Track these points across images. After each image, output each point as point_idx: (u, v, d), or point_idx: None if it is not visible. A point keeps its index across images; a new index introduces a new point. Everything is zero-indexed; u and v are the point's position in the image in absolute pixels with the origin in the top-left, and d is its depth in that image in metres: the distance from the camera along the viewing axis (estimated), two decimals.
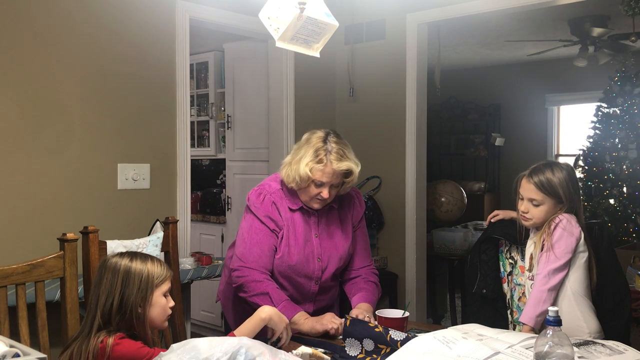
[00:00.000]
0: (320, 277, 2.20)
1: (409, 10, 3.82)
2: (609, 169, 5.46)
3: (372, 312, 2.11)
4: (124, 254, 1.69)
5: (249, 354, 1.25)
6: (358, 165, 2.13)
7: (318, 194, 2.11)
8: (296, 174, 2.09)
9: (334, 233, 2.23)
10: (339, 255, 2.23)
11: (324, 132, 2.14)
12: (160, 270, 1.68)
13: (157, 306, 1.66)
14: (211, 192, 5.17)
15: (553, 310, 1.33)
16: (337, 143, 2.10)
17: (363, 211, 2.34)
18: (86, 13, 2.89)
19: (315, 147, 2.09)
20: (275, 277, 2.19)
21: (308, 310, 2.20)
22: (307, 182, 2.10)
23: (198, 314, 4.82)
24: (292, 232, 2.18)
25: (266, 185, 2.24)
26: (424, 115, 3.94)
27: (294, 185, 2.14)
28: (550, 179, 2.04)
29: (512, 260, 2.23)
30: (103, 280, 1.63)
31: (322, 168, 2.06)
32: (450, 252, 4.51)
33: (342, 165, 2.07)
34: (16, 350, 1.27)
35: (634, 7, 3.50)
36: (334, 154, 2.07)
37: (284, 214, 2.18)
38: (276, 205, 2.18)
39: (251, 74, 4.48)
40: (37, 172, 2.75)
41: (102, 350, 1.55)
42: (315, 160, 2.07)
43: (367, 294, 2.21)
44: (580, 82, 6.58)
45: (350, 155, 2.12)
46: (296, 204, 2.19)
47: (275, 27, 1.74)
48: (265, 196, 2.19)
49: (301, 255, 2.17)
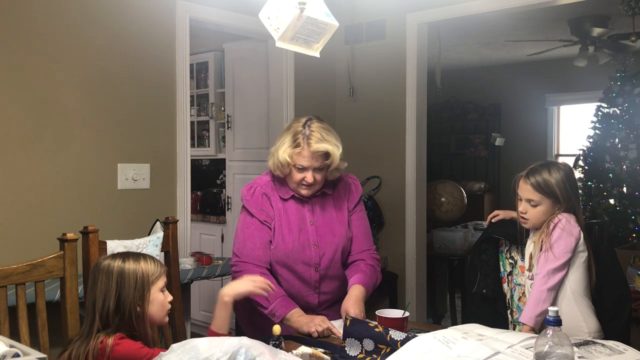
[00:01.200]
0: (319, 263, 2.19)
1: (409, 10, 3.82)
2: (609, 169, 5.46)
3: (364, 295, 2.12)
4: (115, 255, 1.69)
5: (249, 354, 1.25)
6: (338, 148, 2.13)
7: (302, 179, 2.13)
8: (277, 161, 2.12)
9: (330, 219, 2.24)
10: (336, 241, 2.22)
11: (305, 118, 2.16)
12: (154, 267, 1.68)
13: (155, 303, 1.67)
14: (211, 192, 5.17)
15: (553, 310, 1.33)
16: (317, 127, 2.12)
17: (359, 196, 2.34)
18: (86, 13, 2.89)
19: (293, 132, 2.12)
20: (274, 269, 2.19)
21: (313, 302, 2.20)
22: (289, 168, 2.12)
23: (198, 314, 4.82)
24: (284, 220, 2.19)
25: (257, 179, 2.28)
26: (424, 115, 3.94)
27: (279, 173, 2.17)
28: (547, 179, 2.04)
29: (512, 260, 2.23)
30: (98, 284, 1.63)
31: (300, 151, 2.09)
32: (450, 252, 4.51)
33: (319, 147, 2.08)
34: (16, 350, 1.27)
35: (633, 7, 3.50)
36: (312, 137, 2.09)
37: (276, 204, 2.20)
38: (267, 196, 2.21)
39: (251, 74, 4.48)
40: (37, 172, 2.75)
41: (101, 351, 1.55)
42: (293, 145, 2.10)
43: (364, 276, 2.20)
44: (580, 82, 6.58)
45: (330, 137, 2.12)
46: (287, 193, 2.21)
47: (275, 27, 1.74)
48: (256, 189, 2.23)
49: (296, 242, 2.17)
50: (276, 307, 2.07)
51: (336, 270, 2.24)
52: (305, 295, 2.20)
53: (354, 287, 2.15)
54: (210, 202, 5.10)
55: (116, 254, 1.71)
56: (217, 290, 4.68)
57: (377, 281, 2.28)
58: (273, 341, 1.61)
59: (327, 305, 2.24)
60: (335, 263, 2.23)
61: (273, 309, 2.07)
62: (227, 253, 4.68)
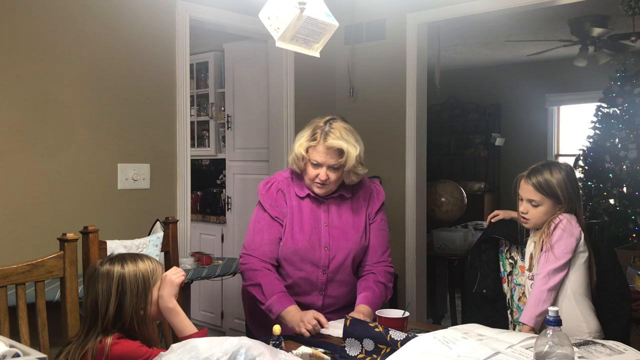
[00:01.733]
0: (328, 265, 2.17)
1: (409, 10, 3.82)
2: (609, 169, 5.46)
3: (371, 316, 2.09)
4: (113, 259, 1.66)
5: (249, 354, 1.25)
6: (356, 148, 2.10)
7: (316, 175, 2.11)
8: (294, 154, 2.13)
9: (344, 223, 2.21)
10: (349, 246, 2.20)
11: (330, 116, 2.16)
12: (152, 266, 1.67)
13: (156, 302, 1.67)
14: (211, 192, 5.17)
15: (553, 310, 1.32)
16: (338, 126, 2.11)
17: (381, 203, 2.30)
18: (86, 13, 2.89)
19: (313, 127, 2.13)
20: (282, 265, 2.18)
21: (316, 302, 2.18)
22: (304, 162, 2.12)
23: (198, 314, 4.82)
24: (297, 218, 2.17)
25: (277, 174, 2.29)
26: (424, 115, 3.94)
27: (296, 168, 2.17)
28: (548, 179, 2.04)
29: (512, 260, 2.22)
30: (98, 291, 1.61)
31: (315, 145, 2.09)
32: (450, 252, 4.51)
33: (334, 143, 2.07)
34: (16, 350, 1.27)
35: (633, 7, 3.49)
36: (330, 133, 2.08)
37: (290, 202, 2.19)
38: (283, 192, 2.20)
39: (251, 74, 4.48)
40: (37, 172, 2.75)
41: (100, 350, 1.55)
42: (311, 139, 2.10)
43: (372, 295, 2.16)
44: (580, 82, 6.58)
45: (349, 137, 2.10)
46: (304, 190, 2.20)
47: (275, 27, 1.74)
48: (273, 184, 2.23)
49: (306, 242, 2.15)
50: (273, 303, 2.07)
51: (345, 276, 2.22)
52: (309, 296, 2.18)
53: (361, 306, 2.13)
54: (210, 202, 5.10)
55: (114, 257, 1.68)
56: (217, 290, 4.65)
57: (386, 299, 2.25)
58: (273, 341, 1.61)
59: (331, 310, 2.21)
60: (345, 268, 2.20)
61: (270, 305, 2.07)
62: (227, 253, 4.68)
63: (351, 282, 2.24)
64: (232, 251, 4.61)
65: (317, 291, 2.19)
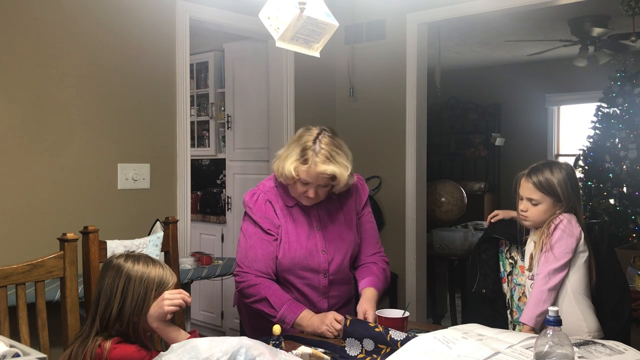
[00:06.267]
0: (328, 269, 2.16)
1: (409, 10, 3.82)
2: (609, 169, 5.46)
3: (377, 298, 2.10)
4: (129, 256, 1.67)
5: (249, 354, 1.25)
6: (347, 169, 2.05)
7: (305, 192, 2.07)
8: (283, 171, 2.06)
9: (337, 223, 2.20)
10: (345, 245, 2.19)
11: (318, 130, 2.07)
12: (160, 277, 1.66)
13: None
14: (211, 192, 5.17)
15: (553, 310, 1.32)
16: (327, 144, 2.03)
17: (367, 196, 2.29)
18: (86, 13, 2.89)
19: (303, 146, 2.03)
20: (283, 277, 2.16)
21: (322, 307, 2.17)
22: (293, 180, 2.06)
23: (198, 314, 4.82)
24: (291, 227, 2.15)
25: (261, 185, 2.22)
26: (424, 115, 3.94)
27: (282, 180, 2.11)
28: (549, 178, 2.04)
29: (512, 260, 2.22)
30: (106, 283, 1.63)
31: (306, 169, 2.02)
32: (450, 252, 4.51)
33: (327, 169, 2.00)
34: (16, 350, 1.27)
35: (634, 7, 3.50)
36: (320, 156, 2.01)
37: (280, 211, 2.15)
38: (271, 203, 2.16)
39: (251, 74, 4.49)
40: (37, 172, 2.75)
41: (99, 355, 1.56)
42: (301, 160, 2.02)
43: (377, 280, 2.17)
44: (580, 82, 6.58)
45: (340, 158, 2.04)
46: (291, 200, 2.16)
47: (275, 27, 1.74)
48: (259, 195, 2.17)
49: (304, 249, 2.13)
50: (285, 312, 2.04)
51: (344, 275, 2.22)
52: (315, 302, 2.17)
53: (367, 289, 2.13)
54: (210, 202, 5.10)
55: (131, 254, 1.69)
56: (217, 290, 4.64)
57: (387, 284, 2.27)
58: (273, 341, 1.61)
59: (335, 309, 2.20)
60: (344, 268, 2.21)
61: (282, 316, 2.04)
62: (227, 253, 4.69)
63: (350, 279, 2.26)
64: (232, 251, 4.61)
65: (322, 295, 2.18)
